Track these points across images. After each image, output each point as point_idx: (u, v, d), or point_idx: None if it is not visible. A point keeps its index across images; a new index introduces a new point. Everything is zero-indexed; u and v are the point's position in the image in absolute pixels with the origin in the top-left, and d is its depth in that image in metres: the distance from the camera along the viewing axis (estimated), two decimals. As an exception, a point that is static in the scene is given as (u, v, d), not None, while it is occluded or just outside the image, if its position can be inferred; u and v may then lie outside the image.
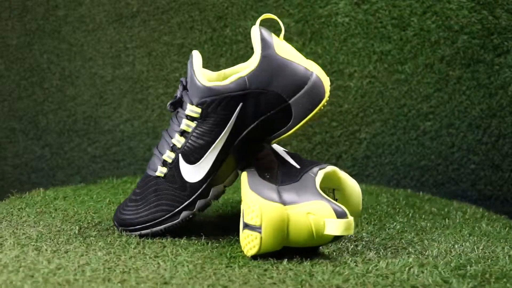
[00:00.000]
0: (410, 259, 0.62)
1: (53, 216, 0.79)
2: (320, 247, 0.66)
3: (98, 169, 1.36)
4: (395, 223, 0.80)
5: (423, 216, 0.85)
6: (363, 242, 0.69)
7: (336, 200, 0.70)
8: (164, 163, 0.71)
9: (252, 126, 0.68)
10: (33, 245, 0.66)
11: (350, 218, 0.60)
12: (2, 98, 1.41)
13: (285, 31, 0.72)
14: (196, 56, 0.69)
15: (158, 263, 0.61)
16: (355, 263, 0.61)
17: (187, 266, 0.60)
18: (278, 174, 0.67)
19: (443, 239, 0.72)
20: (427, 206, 0.92)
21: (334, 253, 0.65)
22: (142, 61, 1.30)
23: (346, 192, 0.70)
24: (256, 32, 0.68)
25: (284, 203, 0.62)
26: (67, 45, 1.35)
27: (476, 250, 0.67)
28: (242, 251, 0.64)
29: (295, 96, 0.67)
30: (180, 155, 0.69)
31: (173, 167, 0.70)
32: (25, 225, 0.74)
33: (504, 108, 1.11)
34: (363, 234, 0.73)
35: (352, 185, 0.70)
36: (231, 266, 0.60)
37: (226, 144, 0.68)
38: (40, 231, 0.72)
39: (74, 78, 1.35)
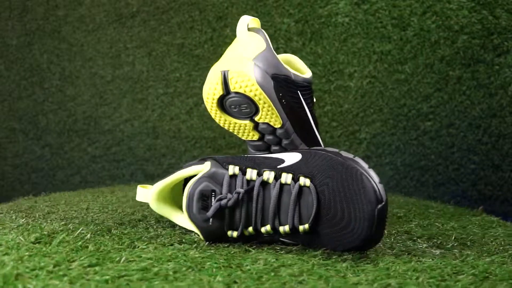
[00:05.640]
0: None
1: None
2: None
3: (98, 169, 1.36)
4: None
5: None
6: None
7: None
8: None
9: None
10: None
11: (150, 189, 0.65)
12: (2, 98, 1.41)
13: (285, 31, 0.72)
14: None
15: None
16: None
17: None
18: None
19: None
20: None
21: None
22: (142, 61, 1.30)
23: None
24: None
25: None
26: (67, 45, 1.35)
27: None
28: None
29: None
30: None
31: None
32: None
33: (504, 108, 1.11)
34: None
35: None
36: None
37: None
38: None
39: (74, 78, 1.35)
